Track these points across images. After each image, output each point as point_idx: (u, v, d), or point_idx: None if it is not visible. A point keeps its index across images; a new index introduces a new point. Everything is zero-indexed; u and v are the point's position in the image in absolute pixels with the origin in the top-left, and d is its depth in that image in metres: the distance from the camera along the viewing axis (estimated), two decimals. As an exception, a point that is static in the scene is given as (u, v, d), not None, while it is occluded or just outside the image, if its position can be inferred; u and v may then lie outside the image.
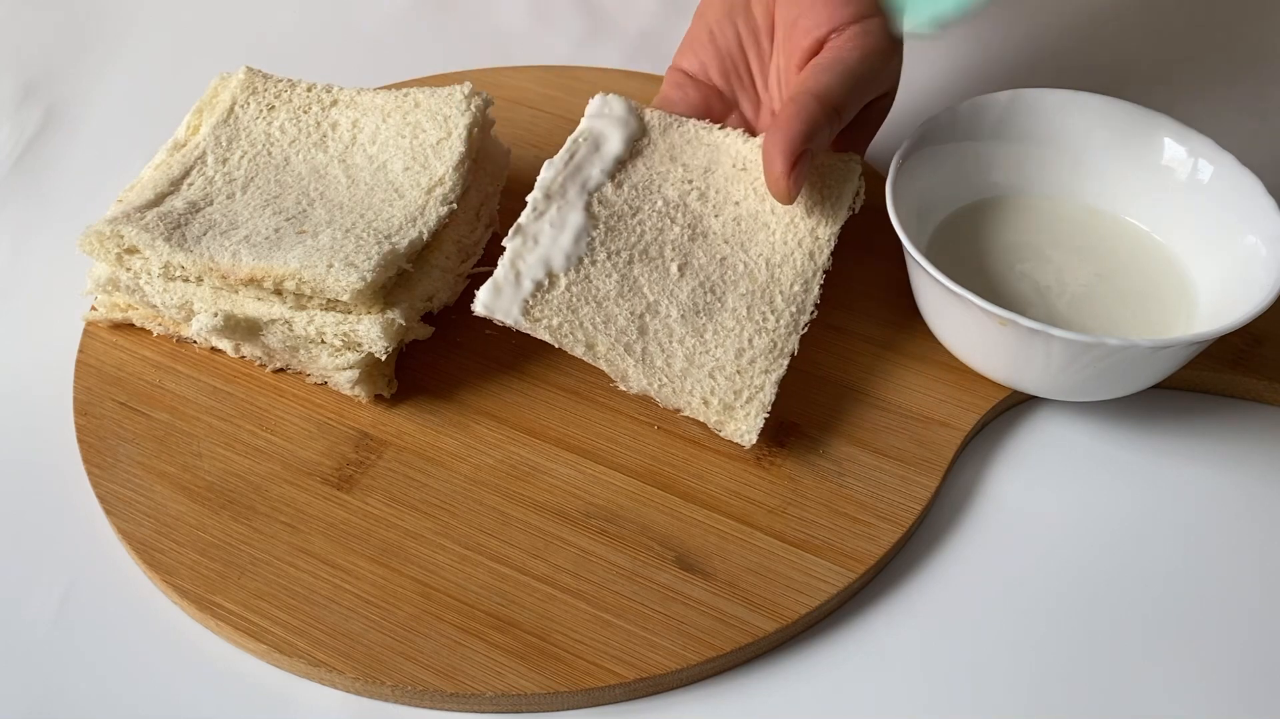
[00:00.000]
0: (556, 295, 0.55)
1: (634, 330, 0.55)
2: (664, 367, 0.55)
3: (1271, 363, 0.61)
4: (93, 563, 0.55)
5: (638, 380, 0.55)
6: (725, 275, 0.57)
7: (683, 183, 0.59)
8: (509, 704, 0.51)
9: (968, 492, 0.58)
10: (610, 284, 0.56)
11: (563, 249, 0.56)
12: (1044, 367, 0.56)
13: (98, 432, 0.58)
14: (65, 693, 0.52)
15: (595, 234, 0.57)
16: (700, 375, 0.55)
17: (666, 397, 0.55)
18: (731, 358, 0.56)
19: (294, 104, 0.64)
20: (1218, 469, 0.59)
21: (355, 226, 0.58)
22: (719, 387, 0.55)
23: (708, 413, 0.55)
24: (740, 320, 0.56)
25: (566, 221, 0.57)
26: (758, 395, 0.55)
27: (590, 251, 0.57)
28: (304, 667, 0.52)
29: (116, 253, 0.58)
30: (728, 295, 0.57)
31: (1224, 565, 0.56)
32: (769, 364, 0.56)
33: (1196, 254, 0.62)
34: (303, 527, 0.55)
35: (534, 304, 0.55)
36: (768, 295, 0.57)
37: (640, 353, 0.55)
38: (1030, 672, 0.53)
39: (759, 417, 0.55)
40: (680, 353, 0.55)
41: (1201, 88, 0.76)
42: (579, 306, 0.55)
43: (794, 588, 0.54)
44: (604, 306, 0.56)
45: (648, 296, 0.56)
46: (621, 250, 0.57)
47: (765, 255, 0.58)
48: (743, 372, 0.55)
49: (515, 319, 0.55)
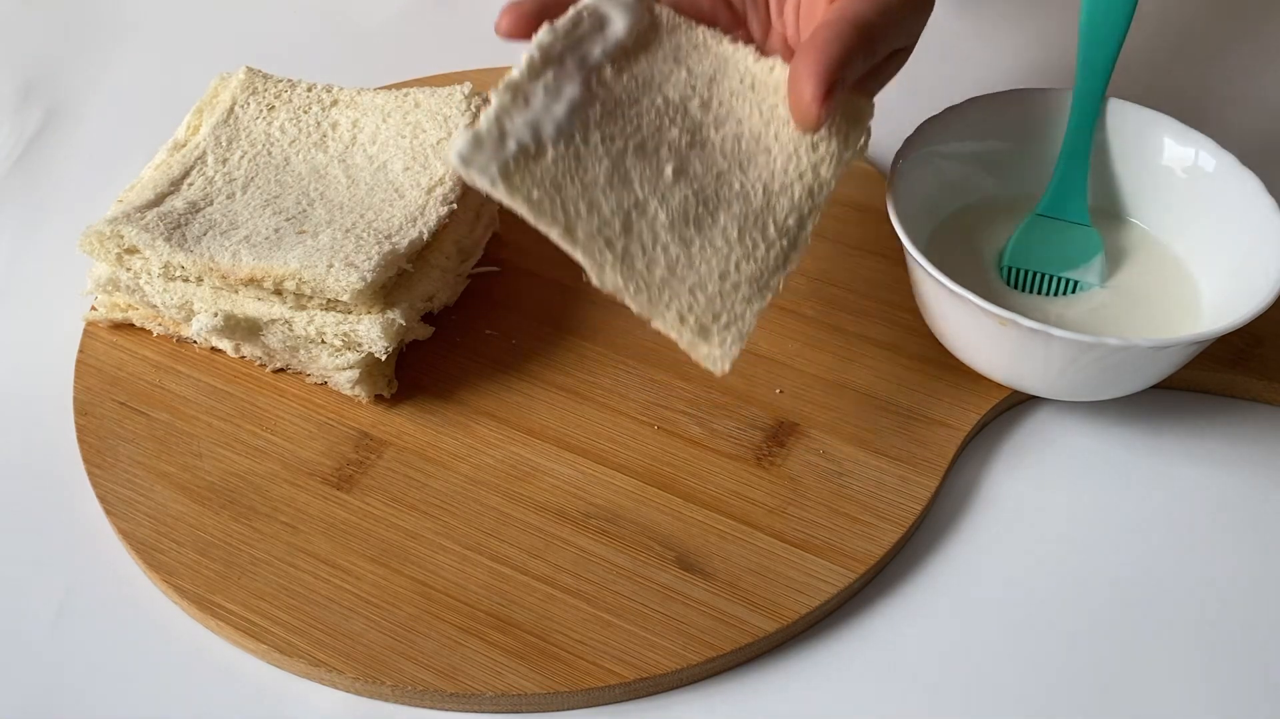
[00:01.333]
0: (542, 167, 0.51)
1: (618, 224, 0.52)
2: (643, 270, 0.51)
3: (1271, 363, 0.61)
4: (93, 563, 0.55)
5: (613, 279, 0.51)
6: (720, 191, 0.54)
7: (686, 87, 0.56)
8: (509, 704, 0.51)
9: (968, 492, 0.58)
10: (600, 170, 0.52)
11: (555, 118, 0.52)
12: (1044, 367, 0.56)
13: (98, 432, 0.58)
14: (65, 693, 0.52)
15: (591, 112, 0.53)
16: (680, 289, 0.52)
17: (641, 304, 0.51)
18: (715, 279, 0.52)
19: (294, 104, 0.64)
20: (1218, 469, 0.59)
21: (355, 226, 0.58)
22: (697, 305, 0.51)
23: (682, 330, 0.51)
24: (730, 243, 0.53)
25: (563, 91, 0.53)
26: (736, 323, 0.52)
27: (584, 130, 0.52)
28: (304, 667, 0.52)
29: (116, 253, 0.58)
30: (720, 213, 0.54)
31: (1224, 565, 0.56)
32: (752, 294, 0.52)
33: (1196, 254, 0.62)
34: (303, 527, 0.55)
35: (515, 170, 0.50)
36: (761, 222, 0.54)
37: (621, 251, 0.51)
38: (1030, 671, 0.53)
39: (735, 344, 0.51)
40: (663, 260, 0.52)
41: (1201, 88, 0.76)
42: (564, 185, 0.51)
43: (794, 588, 0.54)
44: (590, 192, 0.52)
45: (637, 193, 0.52)
46: (616, 137, 0.53)
47: (764, 180, 0.55)
48: (725, 295, 0.52)
49: (493, 179, 0.50)
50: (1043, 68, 0.76)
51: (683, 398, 0.60)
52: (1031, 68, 0.77)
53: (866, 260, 0.65)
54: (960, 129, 0.63)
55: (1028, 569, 0.56)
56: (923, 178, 0.61)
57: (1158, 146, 0.63)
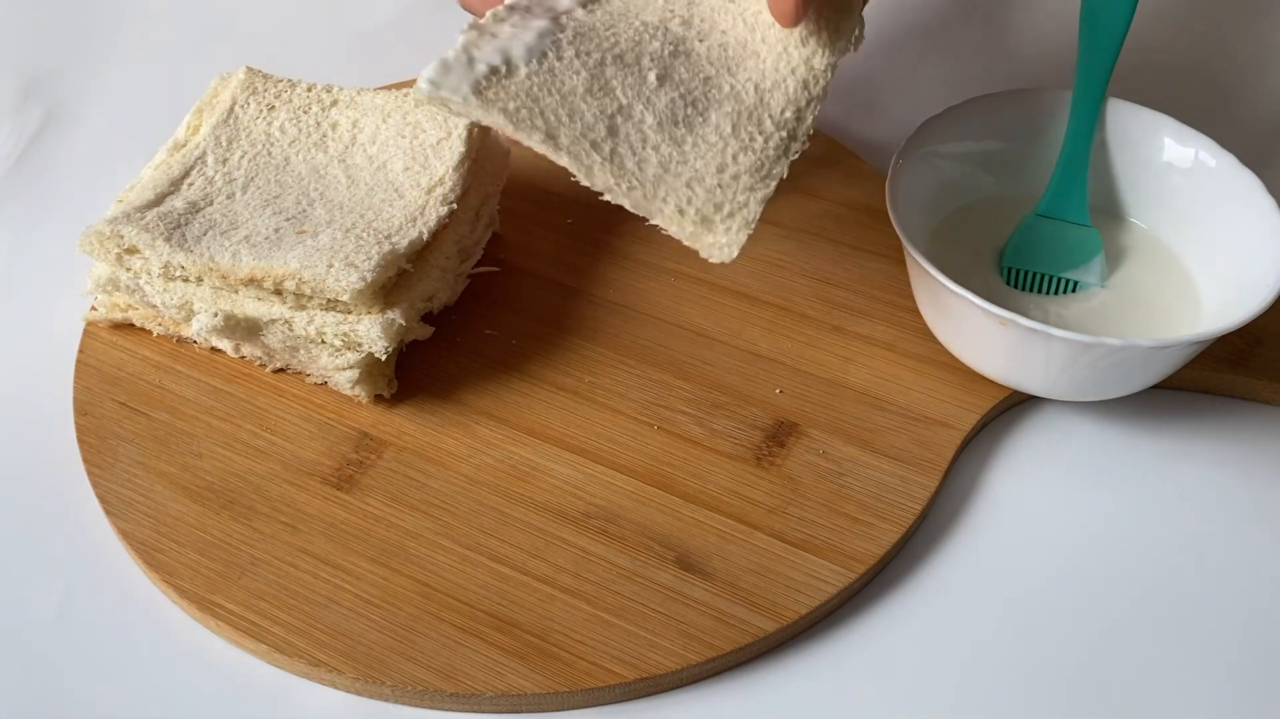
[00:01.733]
0: (515, 82, 0.50)
1: (602, 128, 0.51)
2: (634, 170, 0.50)
3: (1271, 363, 0.61)
4: (93, 563, 0.55)
5: (603, 179, 0.50)
6: (709, 93, 0.53)
7: (664, 10, 0.55)
8: (509, 704, 0.51)
9: (968, 492, 0.58)
10: (578, 81, 0.51)
11: (524, 43, 0.52)
12: (1044, 367, 0.56)
13: (98, 432, 0.58)
14: (65, 693, 0.52)
15: (563, 36, 0.53)
16: (676, 184, 0.51)
17: (636, 201, 0.50)
18: (713, 171, 0.51)
19: (294, 104, 0.64)
20: (1218, 469, 0.59)
21: (355, 226, 0.58)
22: (696, 197, 0.50)
23: (682, 223, 0.50)
24: (724, 137, 0.52)
25: (530, 25, 0.53)
26: (740, 211, 0.51)
27: (556, 49, 0.52)
28: (304, 667, 0.52)
29: (116, 253, 0.58)
30: (711, 112, 0.53)
31: (1224, 565, 0.56)
32: (754, 183, 0.51)
33: (1196, 254, 0.62)
34: (303, 527, 0.55)
35: (488, 87, 0.50)
36: (755, 117, 0.53)
37: (609, 152, 0.50)
38: (1030, 671, 0.53)
39: (741, 232, 0.50)
40: (654, 159, 0.51)
41: (1202, 88, 0.76)
42: (540, 96, 0.51)
43: (794, 588, 0.54)
44: (569, 100, 0.51)
45: (620, 99, 0.52)
46: (592, 52, 0.52)
47: (754, 80, 0.54)
48: (725, 186, 0.51)
49: (464, 96, 0.49)
50: (1043, 68, 0.76)
51: (683, 398, 0.60)
52: (1031, 68, 0.77)
53: (866, 260, 0.65)
54: (960, 129, 0.63)
55: (1028, 569, 0.56)
56: (923, 178, 0.61)
57: (1158, 146, 0.63)
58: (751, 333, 0.63)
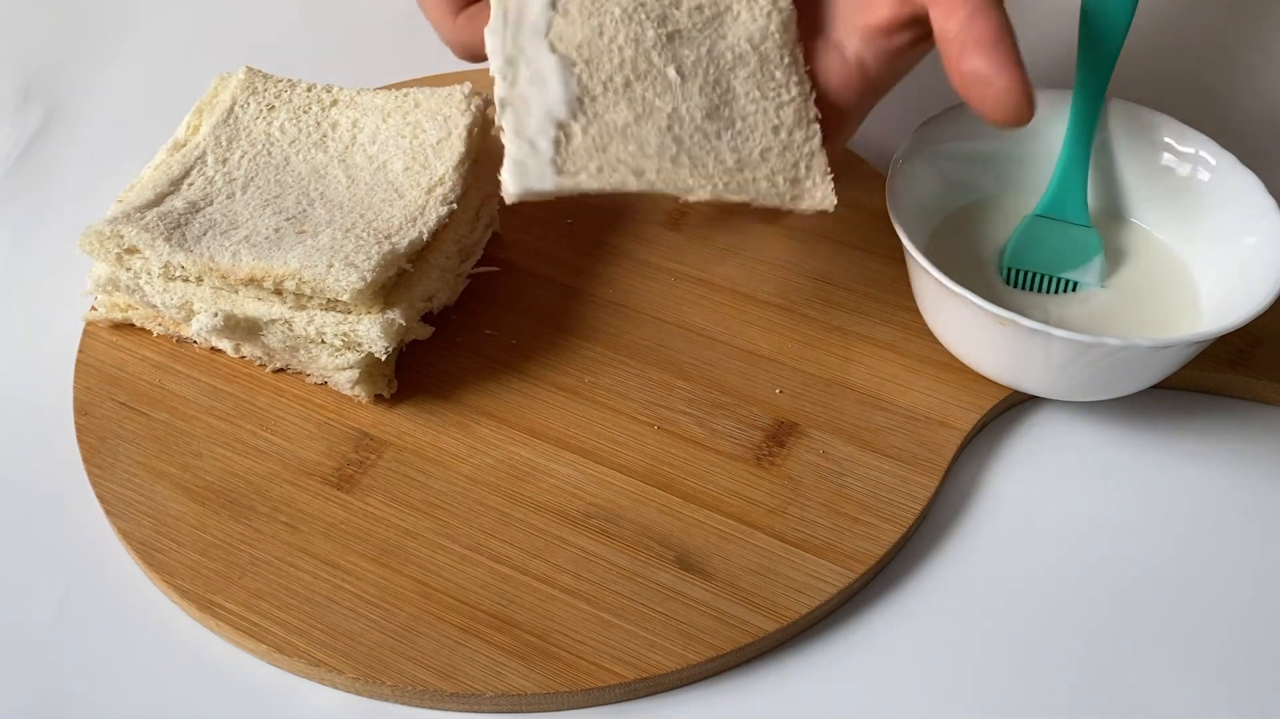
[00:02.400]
0: (579, 144, 0.51)
1: (671, 144, 0.52)
2: (718, 166, 0.52)
3: (1271, 363, 0.61)
4: (93, 563, 0.55)
5: (701, 186, 0.52)
6: (720, 66, 0.55)
7: None
8: (509, 704, 0.51)
9: (968, 492, 0.58)
10: (623, 112, 0.53)
11: (559, 98, 0.52)
12: (1044, 367, 0.56)
13: (98, 432, 0.58)
14: (65, 693, 0.52)
15: (578, 70, 0.53)
16: (754, 161, 0.52)
17: (734, 191, 0.52)
18: (772, 135, 0.53)
19: (294, 104, 0.64)
20: (1218, 469, 0.59)
21: (355, 226, 0.58)
22: (777, 164, 0.52)
23: (780, 193, 0.52)
24: (757, 101, 0.54)
25: (543, 73, 0.53)
26: (814, 160, 0.53)
27: (585, 90, 0.53)
28: (304, 667, 0.52)
29: (116, 253, 0.58)
30: (733, 84, 0.54)
31: (1224, 565, 0.56)
32: (806, 131, 0.53)
33: (1196, 253, 0.62)
34: (303, 527, 0.55)
35: (562, 161, 0.51)
36: (767, 72, 0.54)
37: (689, 162, 0.52)
38: (1030, 671, 0.53)
39: (826, 177, 0.52)
40: (725, 149, 0.53)
41: (1202, 88, 0.76)
42: (607, 145, 0.52)
43: (794, 588, 0.54)
44: (631, 134, 0.52)
45: (664, 109, 0.53)
46: (614, 75, 0.53)
47: (744, 36, 0.55)
48: (788, 145, 0.53)
49: (554, 183, 0.50)
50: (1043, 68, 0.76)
51: (683, 398, 0.60)
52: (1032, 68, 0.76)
53: (866, 260, 0.65)
54: (960, 129, 0.63)
55: (1028, 569, 0.56)
56: (923, 178, 0.61)
57: (1158, 146, 0.63)
58: (751, 333, 0.63)
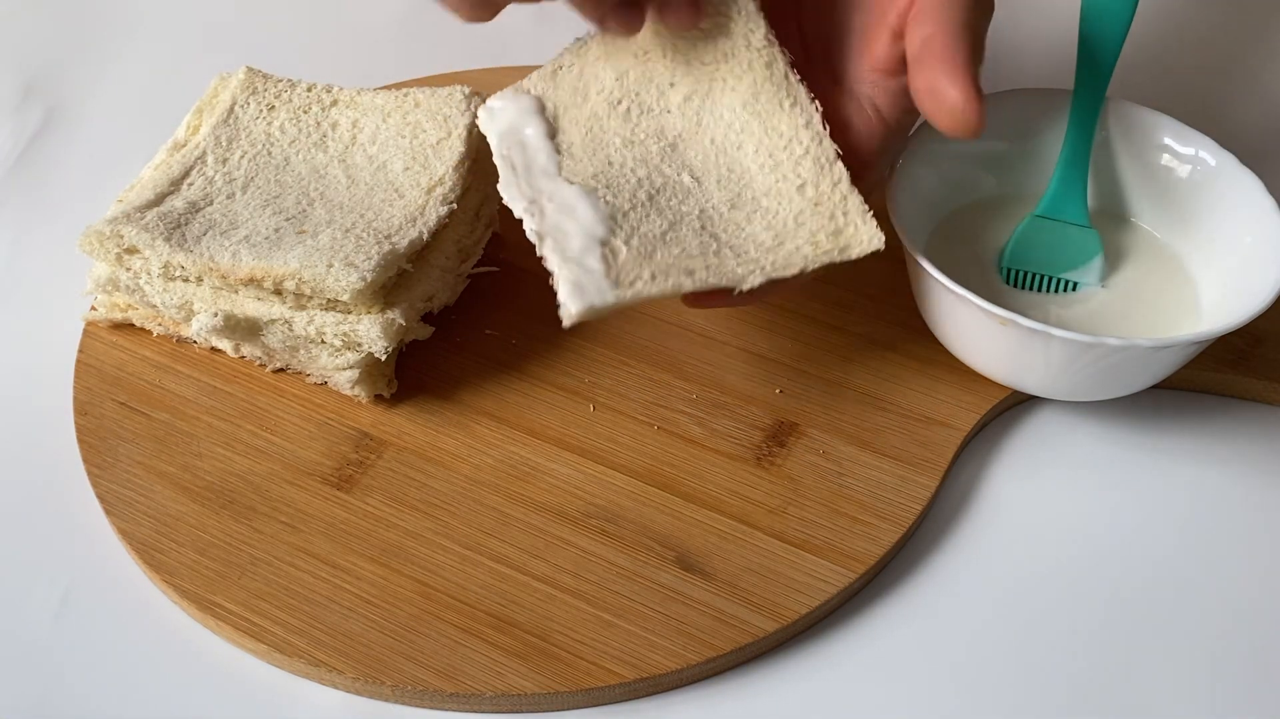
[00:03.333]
0: (626, 256, 0.52)
1: (710, 240, 0.53)
2: (758, 250, 0.52)
3: (1271, 363, 0.61)
4: (93, 563, 0.55)
5: (751, 273, 0.52)
6: (728, 152, 0.55)
7: (610, 106, 0.56)
8: (509, 704, 0.51)
9: (968, 492, 0.58)
10: (658, 222, 0.53)
11: (593, 219, 0.52)
12: (1044, 367, 0.56)
13: (98, 432, 0.58)
14: (65, 693, 0.52)
15: (601, 194, 0.54)
16: (791, 230, 0.53)
17: (781, 267, 0.52)
18: (799, 197, 0.53)
19: (294, 104, 0.64)
20: (1218, 469, 0.59)
21: (355, 226, 0.58)
22: (814, 225, 0.52)
23: (827, 250, 0.52)
24: (774, 169, 0.54)
25: (570, 202, 0.53)
26: (849, 205, 0.52)
27: (615, 209, 0.53)
28: (304, 667, 0.52)
29: (116, 253, 0.58)
30: (746, 164, 0.55)
31: (1224, 565, 0.56)
32: (832, 176, 0.53)
33: (1197, 253, 0.62)
34: (303, 527, 0.55)
35: (617, 274, 0.51)
36: (772, 131, 0.54)
37: (732, 254, 0.52)
38: (1030, 671, 0.53)
39: (868, 217, 0.52)
40: (760, 230, 0.53)
41: (1202, 88, 0.76)
42: (653, 252, 0.52)
43: (794, 588, 0.54)
44: (671, 239, 0.52)
45: (692, 212, 0.54)
46: (637, 192, 0.54)
47: (739, 104, 0.55)
48: (819, 200, 0.53)
49: (614, 296, 0.50)
50: (1043, 68, 0.76)
51: (683, 398, 0.60)
52: (1031, 68, 0.77)
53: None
54: (960, 129, 0.63)
55: (1028, 569, 0.56)
56: (923, 178, 0.61)
57: (1158, 146, 0.63)
58: (751, 333, 0.63)
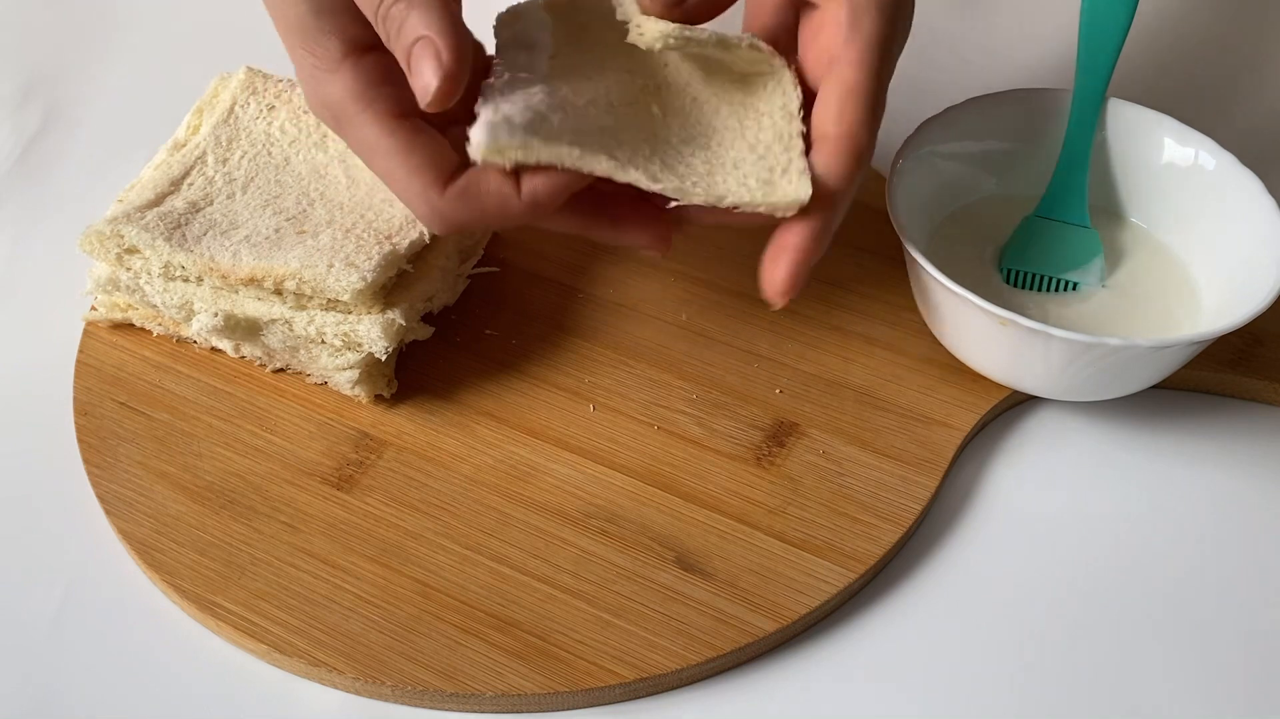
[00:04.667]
0: (557, 125, 0.50)
1: (645, 148, 0.52)
2: (687, 171, 0.52)
3: (1271, 363, 0.61)
4: (93, 563, 0.55)
5: (669, 186, 0.51)
6: (702, 109, 0.54)
7: (615, 45, 0.55)
8: (509, 704, 0.51)
9: (968, 492, 0.58)
10: (604, 119, 0.52)
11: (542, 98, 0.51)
12: (1044, 366, 0.56)
13: (98, 432, 0.58)
14: (65, 692, 0.52)
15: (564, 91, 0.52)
16: (727, 169, 0.52)
17: (701, 194, 0.51)
18: (746, 150, 0.53)
19: (294, 104, 0.64)
20: (1218, 469, 0.59)
21: (355, 227, 0.58)
22: (749, 171, 0.52)
23: (752, 194, 0.51)
24: (735, 129, 0.53)
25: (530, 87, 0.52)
26: (791, 165, 0.52)
27: (566, 100, 0.52)
28: (304, 667, 0.52)
29: (116, 253, 0.58)
30: (711, 119, 0.54)
31: (1224, 565, 0.56)
32: (784, 143, 0.53)
33: (1197, 254, 0.62)
34: (303, 527, 0.55)
35: (538, 131, 0.50)
36: (750, 109, 0.54)
37: (661, 165, 0.51)
38: (1030, 671, 0.53)
39: (802, 175, 0.51)
40: (699, 161, 0.52)
41: (1202, 88, 0.76)
42: (584, 132, 0.51)
43: (794, 588, 0.54)
44: (609, 134, 0.52)
45: (644, 129, 0.53)
46: (597, 98, 0.53)
47: (730, 81, 0.55)
48: (764, 155, 0.52)
49: (522, 140, 0.49)
50: (1043, 68, 0.76)
51: (683, 398, 0.60)
52: (1031, 68, 0.77)
53: (866, 260, 0.65)
54: (960, 129, 0.63)
55: (1028, 569, 0.56)
56: (923, 178, 0.61)
57: (1158, 146, 0.63)
58: (751, 333, 0.63)
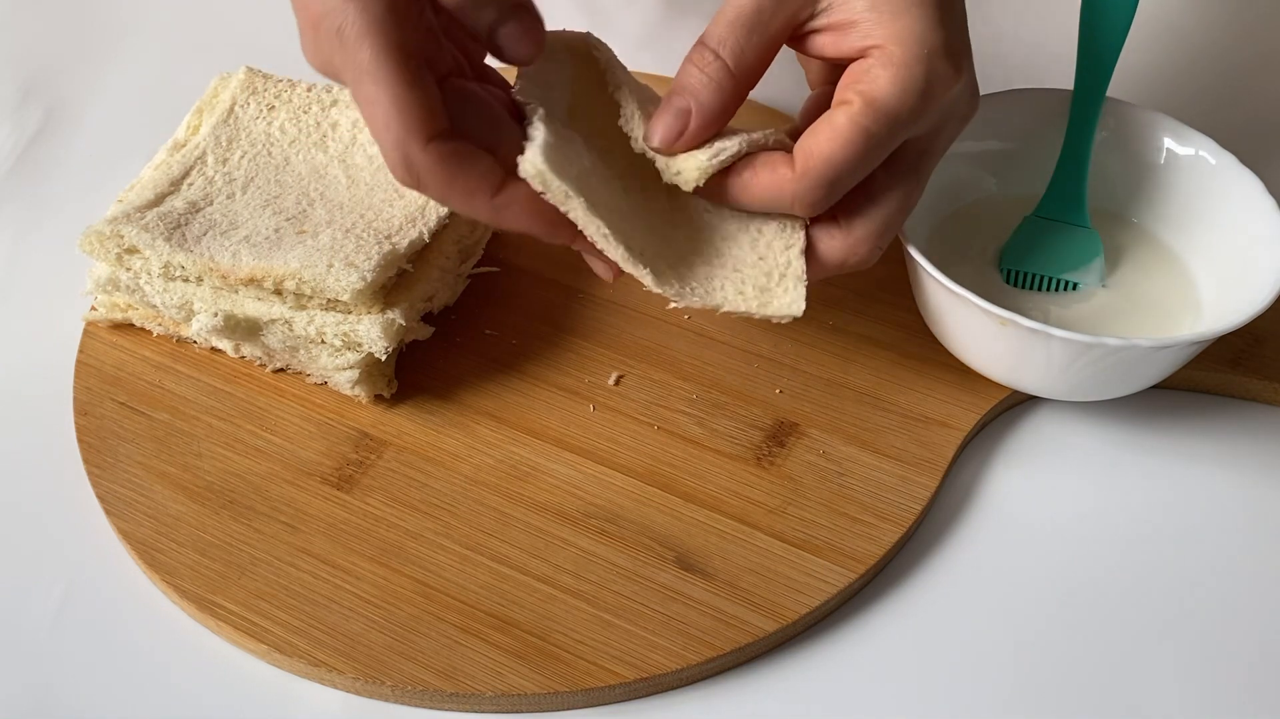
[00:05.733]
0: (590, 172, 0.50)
1: (655, 241, 0.52)
2: (688, 271, 0.52)
3: (1271, 363, 0.61)
4: (93, 563, 0.55)
5: (670, 285, 0.51)
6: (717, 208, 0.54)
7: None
8: (509, 704, 0.51)
9: (968, 492, 0.58)
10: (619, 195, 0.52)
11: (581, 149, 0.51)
12: (1044, 367, 0.56)
13: (98, 432, 0.58)
14: (65, 693, 0.52)
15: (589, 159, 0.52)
16: (727, 272, 0.52)
17: (700, 298, 0.52)
18: (748, 250, 0.53)
19: (294, 104, 0.64)
20: (1218, 469, 0.59)
21: (355, 226, 0.58)
22: (747, 276, 0.52)
23: (748, 303, 0.52)
24: (739, 218, 0.53)
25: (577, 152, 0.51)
26: (789, 269, 0.52)
27: (592, 168, 0.51)
28: (304, 667, 0.52)
29: (116, 253, 0.58)
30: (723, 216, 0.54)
31: (1224, 565, 0.56)
32: (786, 240, 0.53)
33: (1197, 253, 0.62)
34: (303, 527, 0.55)
35: (583, 178, 0.49)
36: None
37: (668, 258, 0.52)
38: (1030, 671, 0.53)
39: (798, 285, 0.52)
40: (699, 261, 0.53)
41: (1202, 88, 0.76)
42: (610, 203, 0.51)
43: (794, 588, 0.54)
44: (627, 207, 0.52)
45: (663, 208, 0.53)
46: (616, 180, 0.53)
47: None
48: (764, 256, 0.53)
49: (572, 185, 0.48)
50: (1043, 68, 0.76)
51: (683, 398, 0.60)
52: (1031, 68, 0.77)
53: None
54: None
55: (1027, 569, 0.56)
56: (923, 178, 0.61)
57: (1158, 146, 0.63)
58: (751, 333, 0.63)
